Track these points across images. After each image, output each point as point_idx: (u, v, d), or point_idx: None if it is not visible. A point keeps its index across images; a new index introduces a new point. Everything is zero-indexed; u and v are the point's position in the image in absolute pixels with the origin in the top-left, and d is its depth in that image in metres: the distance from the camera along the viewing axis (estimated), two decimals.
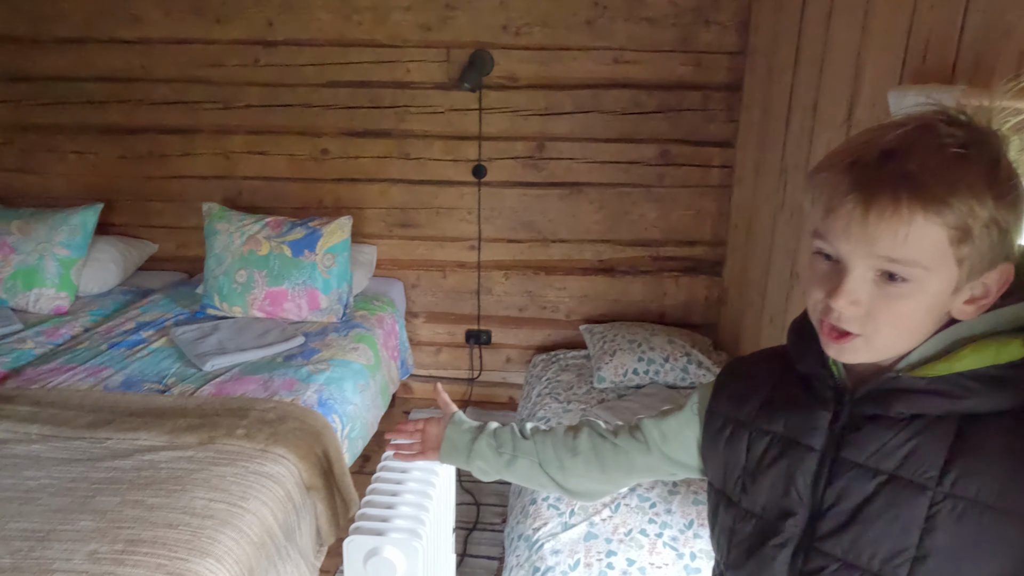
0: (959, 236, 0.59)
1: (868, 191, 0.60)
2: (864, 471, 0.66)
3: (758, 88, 2.53)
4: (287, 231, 2.53)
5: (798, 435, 0.72)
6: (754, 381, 0.80)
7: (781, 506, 0.71)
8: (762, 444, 0.75)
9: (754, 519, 0.75)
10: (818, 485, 0.69)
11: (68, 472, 1.54)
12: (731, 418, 0.80)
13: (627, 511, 1.80)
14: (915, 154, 0.59)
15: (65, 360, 2.13)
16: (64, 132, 2.97)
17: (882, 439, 0.65)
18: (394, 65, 2.78)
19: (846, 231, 0.61)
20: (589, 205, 2.88)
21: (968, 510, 0.61)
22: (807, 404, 0.72)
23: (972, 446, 0.62)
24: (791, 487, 0.71)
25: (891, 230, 0.59)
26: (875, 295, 0.62)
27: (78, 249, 2.61)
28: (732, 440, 0.78)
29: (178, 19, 2.79)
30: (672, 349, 2.55)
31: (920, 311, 0.62)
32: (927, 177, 0.58)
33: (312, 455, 1.72)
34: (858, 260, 0.62)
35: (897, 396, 0.65)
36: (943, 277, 0.61)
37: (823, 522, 0.68)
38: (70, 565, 1.26)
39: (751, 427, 0.77)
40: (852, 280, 0.62)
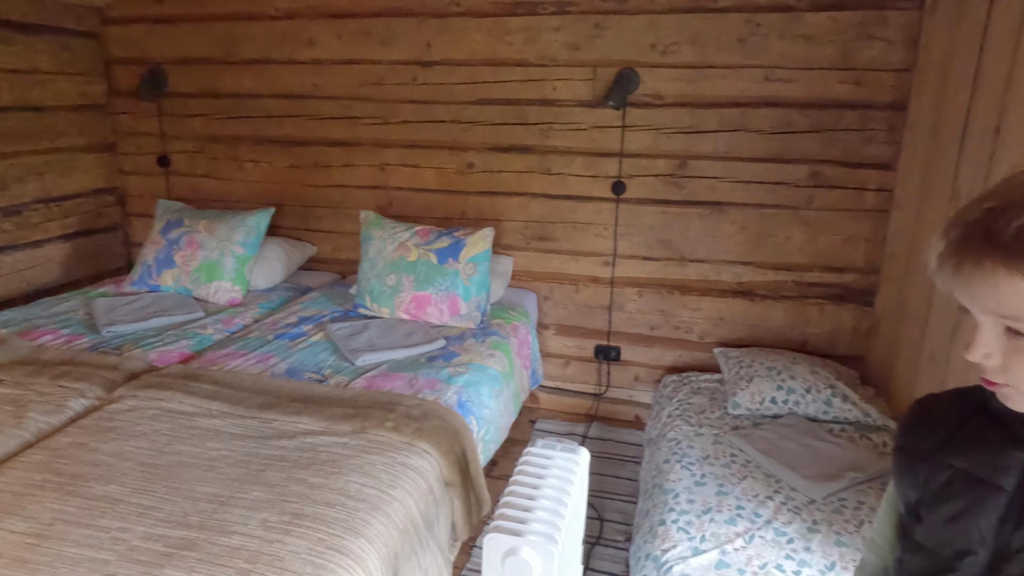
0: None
1: (958, 254, 0.62)
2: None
3: (927, 108, 2.36)
4: (434, 239, 2.67)
5: (986, 473, 0.70)
6: (939, 415, 0.78)
7: (959, 544, 0.70)
8: (942, 478, 0.73)
9: (925, 552, 0.74)
10: (1005, 526, 0.67)
11: (243, 447, 1.72)
12: (911, 450, 0.79)
13: (762, 544, 1.74)
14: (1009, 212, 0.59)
15: (238, 346, 2.38)
16: (244, 143, 3.33)
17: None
18: (541, 83, 2.87)
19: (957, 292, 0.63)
20: (730, 225, 2.81)
21: None
22: (998, 443, 0.70)
23: None
24: (972, 526, 0.69)
25: (984, 290, 0.60)
26: (1008, 348, 0.61)
27: (252, 248, 2.91)
28: (910, 471, 0.78)
29: (347, 42, 3.05)
30: (815, 380, 2.42)
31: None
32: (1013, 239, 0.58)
33: (452, 453, 1.81)
34: (980, 316, 0.63)
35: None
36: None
37: (1010, 565, 0.66)
38: (246, 529, 1.41)
39: (931, 459, 0.75)
40: (982, 334, 0.63)
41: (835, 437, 2.24)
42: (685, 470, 2.09)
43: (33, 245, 3.12)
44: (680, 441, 2.27)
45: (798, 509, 1.88)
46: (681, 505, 1.92)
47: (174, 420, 1.84)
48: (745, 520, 1.83)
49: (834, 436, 2.25)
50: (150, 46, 3.32)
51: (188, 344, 2.41)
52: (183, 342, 2.42)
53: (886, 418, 2.32)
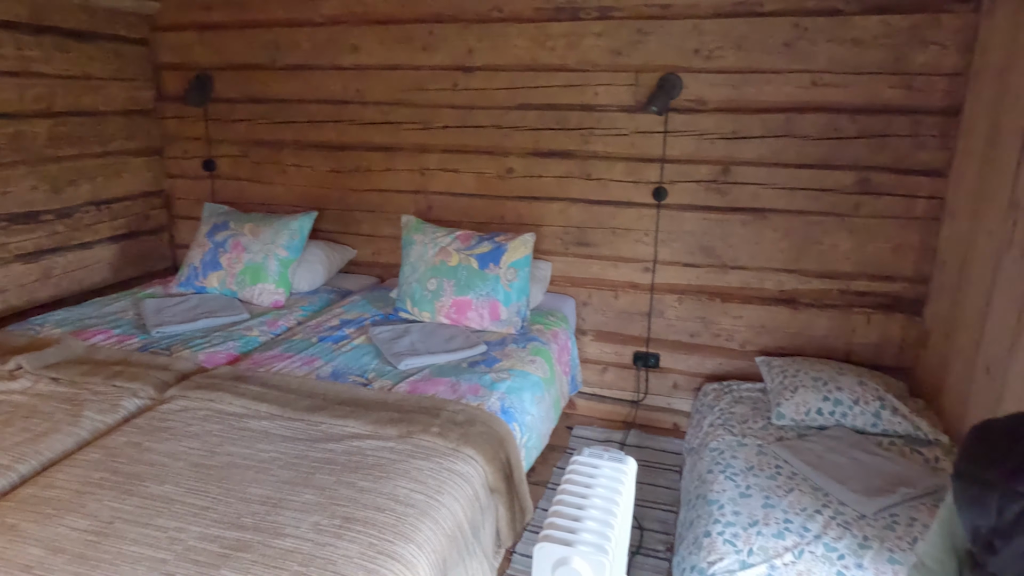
0: None
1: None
2: None
3: (983, 113, 2.30)
4: (475, 244, 2.68)
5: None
6: (1006, 441, 0.77)
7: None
8: (1017, 508, 0.72)
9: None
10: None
11: (292, 449, 1.74)
12: (977, 478, 0.77)
13: (812, 559, 1.70)
14: None
15: (284, 349, 2.41)
16: (287, 147, 3.38)
17: None
18: (583, 88, 2.87)
19: None
20: (773, 232, 2.77)
21: None
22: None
23: None
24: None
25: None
26: None
27: (295, 251, 2.96)
28: (980, 500, 0.77)
29: (390, 48, 3.08)
30: (863, 391, 2.37)
31: None
32: None
33: (496, 459, 1.82)
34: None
35: None
36: None
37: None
38: (298, 532, 1.43)
39: (1002, 488, 0.74)
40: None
41: (884, 451, 2.19)
42: (729, 481, 2.07)
43: (84, 247, 3.21)
44: (723, 451, 2.24)
45: (848, 524, 1.84)
46: (727, 517, 1.89)
47: (224, 421, 1.87)
48: (794, 534, 1.80)
49: (883, 449, 2.20)
50: (197, 52, 3.39)
51: (235, 345, 2.46)
52: (230, 343, 2.46)
53: (938, 432, 2.26)
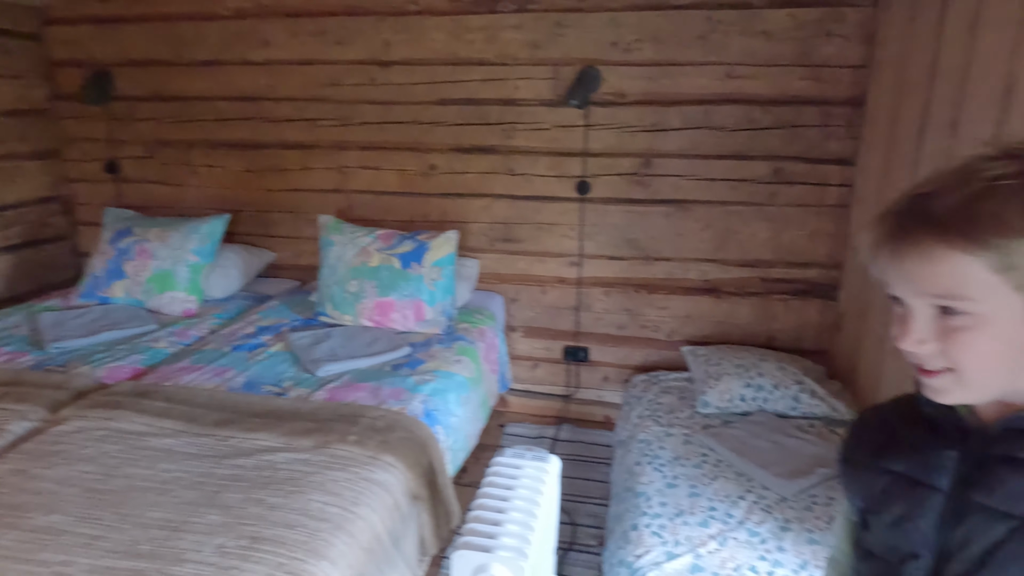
0: (1001, 264, 0.58)
1: (895, 238, 0.63)
2: (993, 514, 0.64)
3: (884, 104, 2.38)
4: (396, 244, 2.61)
5: (922, 475, 0.70)
6: (878, 422, 0.79)
7: (903, 547, 0.71)
8: (881, 483, 0.74)
9: (874, 559, 0.74)
10: (944, 527, 0.67)
11: (198, 467, 1.64)
12: (854, 459, 0.80)
13: (735, 545, 1.72)
14: (941, 194, 0.61)
15: (193, 360, 2.28)
16: (197, 147, 3.21)
17: (1013, 481, 0.63)
18: (503, 83, 2.83)
19: (891, 276, 0.64)
20: (695, 223, 2.81)
21: None
22: (932, 444, 0.71)
23: None
24: (914, 529, 0.70)
25: (923, 269, 0.61)
26: (941, 330, 0.62)
27: (207, 256, 2.81)
28: (856, 478, 0.79)
29: (302, 42, 2.96)
30: (783, 376, 2.43)
31: (994, 342, 0.61)
32: (949, 216, 0.60)
33: (419, 465, 1.76)
34: (912, 299, 0.63)
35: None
36: (1003, 305, 0.59)
37: (949, 567, 0.66)
38: (200, 556, 1.34)
39: (871, 465, 0.76)
40: (915, 320, 0.63)
41: (804, 433, 2.24)
42: (657, 472, 2.07)
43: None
44: (651, 442, 2.25)
45: (770, 508, 1.87)
46: (653, 508, 1.89)
47: (124, 441, 1.75)
48: (718, 521, 1.82)
49: (803, 432, 2.25)
50: (94, 48, 3.18)
51: (140, 359, 2.31)
52: (134, 356, 2.31)
53: (854, 412, 2.33)
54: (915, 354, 0.64)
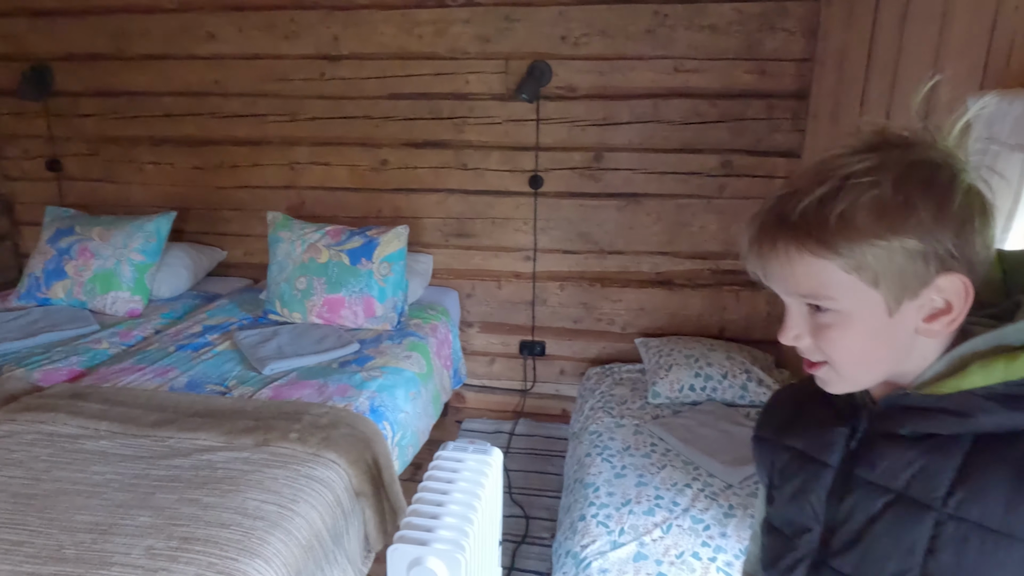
0: (852, 265, 0.60)
1: (757, 240, 0.65)
2: (873, 488, 0.66)
3: (827, 96, 2.43)
4: (345, 240, 2.58)
5: (815, 451, 0.73)
6: (787, 401, 0.82)
7: (797, 521, 0.73)
8: (783, 459, 0.77)
9: (776, 533, 0.77)
10: (832, 501, 0.70)
11: (132, 468, 1.60)
12: (763, 436, 0.82)
13: (679, 532, 1.74)
14: (797, 195, 0.62)
15: (135, 360, 2.23)
16: (143, 144, 3.13)
17: (891, 456, 0.65)
18: (453, 77, 2.81)
19: (759, 274, 0.67)
20: (647, 216, 2.83)
21: (971, 533, 0.59)
22: (827, 422, 0.73)
23: (980, 468, 0.60)
24: (806, 503, 0.72)
25: (782, 271, 0.63)
26: (813, 327, 0.64)
27: (152, 255, 2.74)
28: (764, 455, 0.81)
29: (249, 36, 2.91)
30: (731, 366, 2.46)
31: (862, 338, 0.63)
32: (800, 220, 0.61)
33: (362, 461, 1.74)
34: (785, 297, 0.66)
35: (907, 414, 0.64)
36: (864, 302, 0.61)
37: (835, 538, 0.69)
38: (128, 559, 1.30)
39: (775, 443, 0.79)
40: (790, 316, 0.66)
41: (751, 421, 2.27)
42: (606, 462, 2.09)
43: None
44: (602, 433, 2.26)
45: (715, 495, 1.90)
46: (601, 499, 1.91)
47: (55, 444, 1.70)
48: (663, 510, 1.83)
49: (751, 420, 2.28)
50: (31, 41, 3.08)
51: (79, 360, 2.24)
52: (73, 358, 2.25)
53: None
54: (798, 347, 0.66)
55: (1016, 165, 1.17)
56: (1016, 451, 0.59)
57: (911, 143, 0.61)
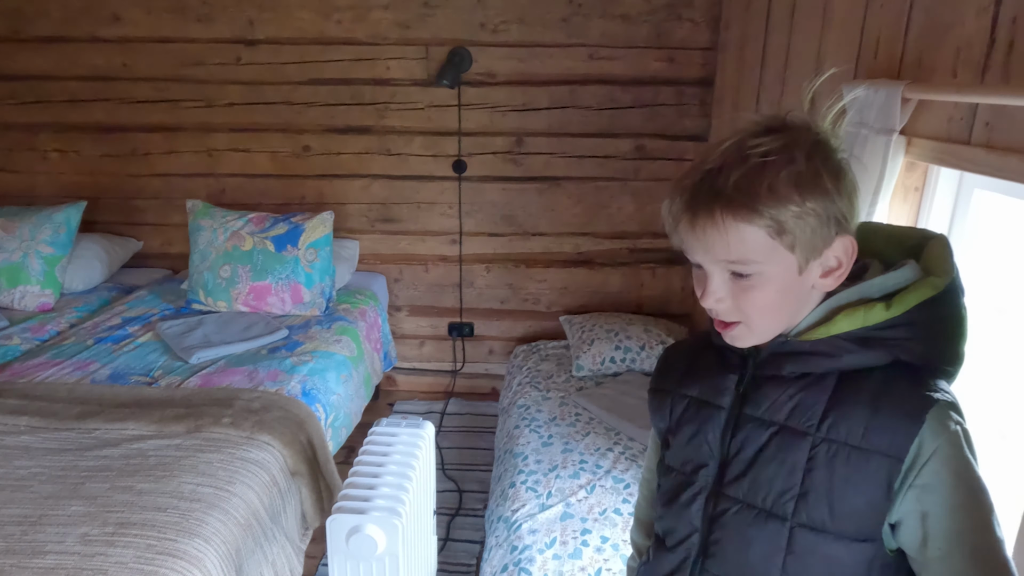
0: (777, 230, 0.68)
1: (692, 211, 0.71)
2: (760, 423, 0.76)
3: (729, 83, 2.60)
4: (270, 227, 2.57)
5: (710, 396, 0.82)
6: (679, 356, 0.91)
7: (695, 459, 0.82)
8: (681, 406, 0.86)
9: (674, 472, 0.85)
10: (725, 439, 0.79)
11: (58, 461, 1.58)
12: (660, 388, 0.91)
13: (602, 492, 1.87)
14: (725, 170, 0.69)
15: (51, 355, 2.16)
16: (46, 131, 2.99)
17: (774, 395, 0.76)
18: (374, 62, 2.83)
19: (690, 245, 0.73)
20: (567, 199, 2.95)
21: (839, 451, 0.71)
22: (719, 370, 0.82)
23: (845, 397, 0.72)
24: (703, 442, 0.81)
25: (717, 239, 0.69)
26: (734, 290, 0.72)
27: (62, 247, 2.64)
28: (660, 406, 0.89)
29: (158, 18, 2.82)
30: (648, 338, 2.62)
31: (776, 295, 0.72)
32: (734, 191, 0.68)
33: (296, 442, 1.78)
34: (710, 266, 0.73)
35: (787, 358, 0.75)
36: (781, 264, 0.70)
37: (728, 470, 0.78)
38: (62, 547, 1.30)
39: (673, 393, 0.87)
40: (713, 283, 0.73)
41: None
42: (534, 433, 2.20)
43: None
44: (529, 407, 2.37)
45: (635, 457, 2.04)
46: (530, 466, 2.02)
47: None
48: (588, 472, 1.96)
49: None
50: None
51: None
52: None
53: None
54: (714, 310, 0.75)
55: (880, 147, 1.33)
56: (870, 382, 0.71)
57: (808, 126, 0.72)
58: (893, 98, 1.29)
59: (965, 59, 1.18)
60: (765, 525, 0.75)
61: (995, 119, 1.10)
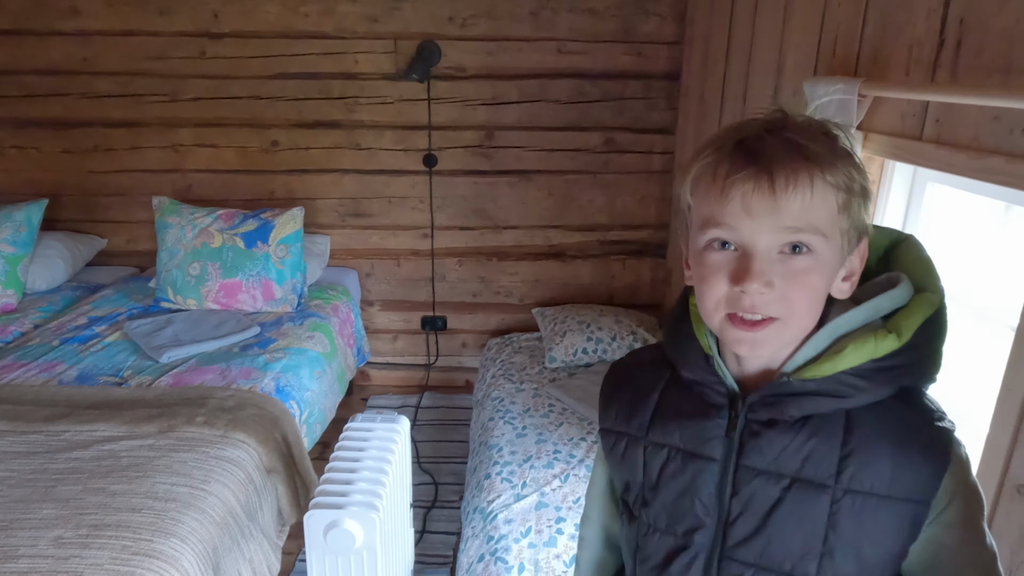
0: (844, 201, 0.62)
1: (767, 161, 0.60)
2: (768, 476, 0.66)
3: (695, 77, 2.65)
4: (239, 223, 2.55)
5: (696, 447, 0.70)
6: (639, 391, 0.76)
7: (688, 520, 0.71)
8: (659, 459, 0.73)
9: (658, 534, 0.74)
10: (723, 495, 0.68)
11: (27, 464, 1.56)
12: (623, 433, 0.76)
13: (576, 481, 1.91)
14: (792, 128, 0.63)
15: (16, 357, 2.12)
16: (3, 127, 2.91)
17: (781, 444, 0.65)
18: (342, 56, 2.81)
19: (747, 208, 0.61)
20: (538, 192, 2.97)
21: (865, 503, 0.63)
22: (700, 413, 0.70)
23: (859, 440, 0.64)
24: (696, 500, 0.70)
25: (797, 195, 0.60)
26: (782, 274, 0.61)
27: (23, 246, 2.58)
28: (628, 455, 0.76)
29: (119, 11, 2.76)
30: (619, 328, 2.66)
31: (823, 286, 0.64)
32: (812, 143, 0.61)
33: (271, 439, 1.78)
34: (763, 236, 0.61)
35: (790, 400, 0.65)
36: (835, 247, 0.63)
37: (733, 531, 0.68)
38: (35, 551, 1.29)
39: (645, 441, 0.74)
40: (759, 260, 0.61)
41: None
42: (508, 424, 2.23)
43: None
44: (503, 399, 2.40)
45: None
46: (504, 457, 2.04)
47: None
48: (561, 462, 2.00)
49: None
50: None
51: None
52: None
53: None
54: (751, 301, 0.62)
55: None
56: (886, 422, 0.64)
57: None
58: (850, 94, 1.33)
59: (917, 58, 1.23)
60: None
61: (944, 116, 1.15)
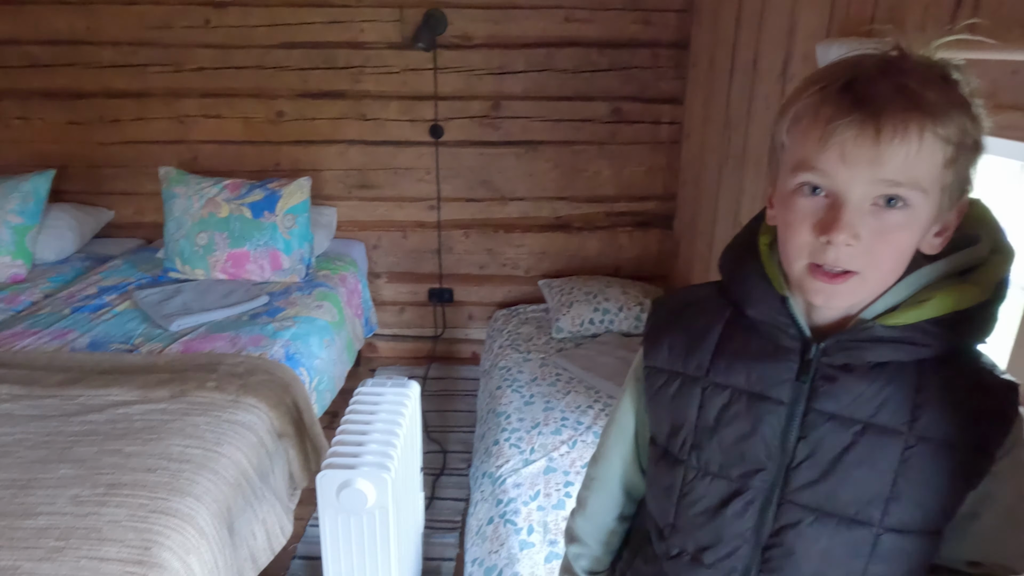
0: (952, 156, 0.58)
1: (875, 108, 0.56)
2: (841, 421, 0.65)
3: (704, 45, 2.61)
4: (246, 193, 2.54)
5: (763, 388, 0.68)
6: (696, 330, 0.73)
7: (747, 463, 0.68)
8: (719, 400, 0.70)
9: (710, 478, 0.71)
10: (787, 438, 0.67)
11: (43, 427, 1.58)
12: (676, 372, 0.74)
13: (583, 446, 1.93)
14: (909, 71, 0.58)
15: (28, 325, 2.14)
16: (7, 97, 2.90)
17: (857, 389, 0.64)
18: (347, 25, 2.78)
19: (847, 155, 0.57)
20: (545, 163, 2.96)
21: (937, 450, 0.63)
22: (769, 355, 0.68)
23: (931, 388, 0.64)
24: (759, 443, 0.68)
25: (903, 147, 0.56)
26: (872, 227, 0.59)
27: (31, 216, 2.59)
28: (680, 396, 0.73)
29: None
30: (626, 299, 2.67)
31: (912, 243, 0.61)
32: (928, 91, 0.56)
33: (282, 405, 1.80)
34: (858, 186, 0.58)
35: (869, 346, 0.64)
36: (933, 203, 0.60)
37: (797, 475, 0.66)
38: (54, 508, 1.32)
39: (704, 382, 0.71)
40: (850, 211, 0.58)
41: None
42: (515, 393, 2.24)
43: None
44: (511, 368, 2.41)
45: None
46: (512, 424, 2.06)
47: None
48: (569, 429, 2.02)
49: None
50: None
51: None
52: None
53: None
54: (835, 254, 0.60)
55: None
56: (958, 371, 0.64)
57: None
58: None
59: (934, 15, 1.21)
60: (849, 533, 0.65)
61: None
